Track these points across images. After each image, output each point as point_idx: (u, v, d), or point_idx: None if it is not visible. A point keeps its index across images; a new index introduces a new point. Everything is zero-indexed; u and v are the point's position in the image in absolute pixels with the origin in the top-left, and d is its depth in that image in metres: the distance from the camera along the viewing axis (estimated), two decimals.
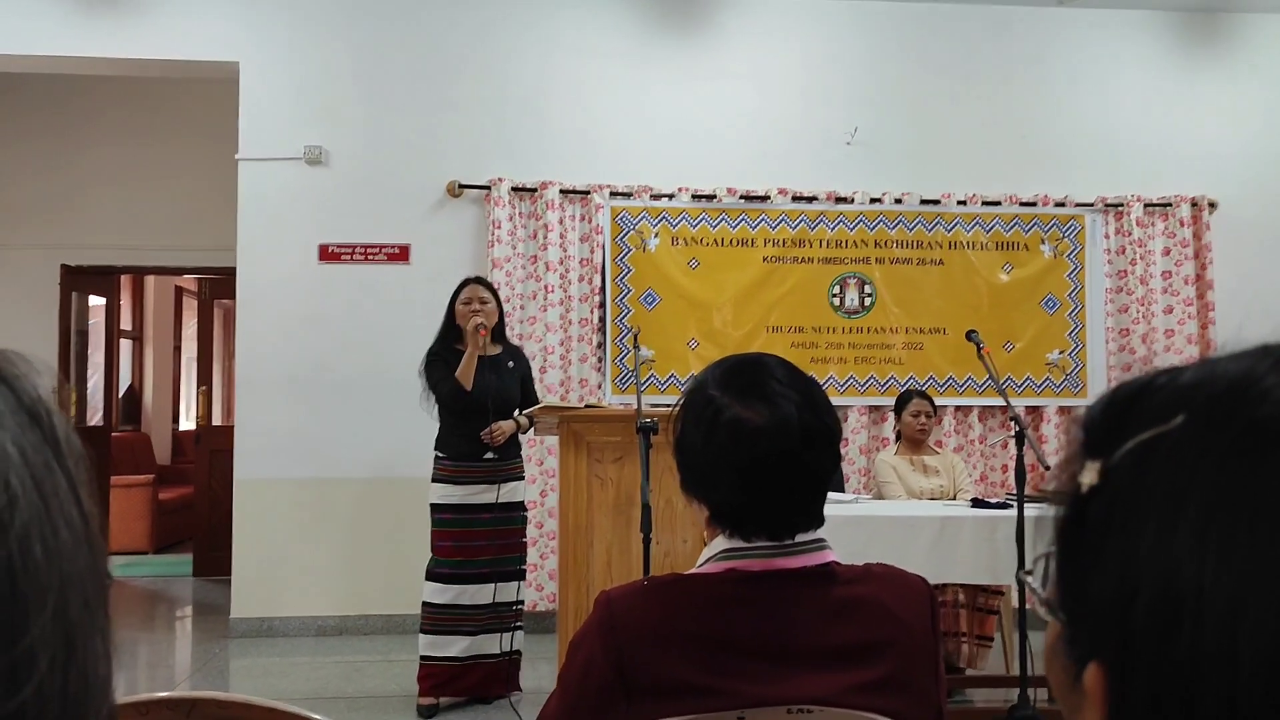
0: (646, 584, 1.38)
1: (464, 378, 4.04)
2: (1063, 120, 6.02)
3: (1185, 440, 0.46)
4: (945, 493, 4.93)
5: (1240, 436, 0.45)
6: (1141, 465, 0.47)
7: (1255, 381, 0.46)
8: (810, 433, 1.36)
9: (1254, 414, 0.45)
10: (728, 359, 1.49)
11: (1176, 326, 5.93)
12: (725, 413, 1.37)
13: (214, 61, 5.59)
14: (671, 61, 5.86)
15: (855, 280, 5.85)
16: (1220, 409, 0.46)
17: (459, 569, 4.07)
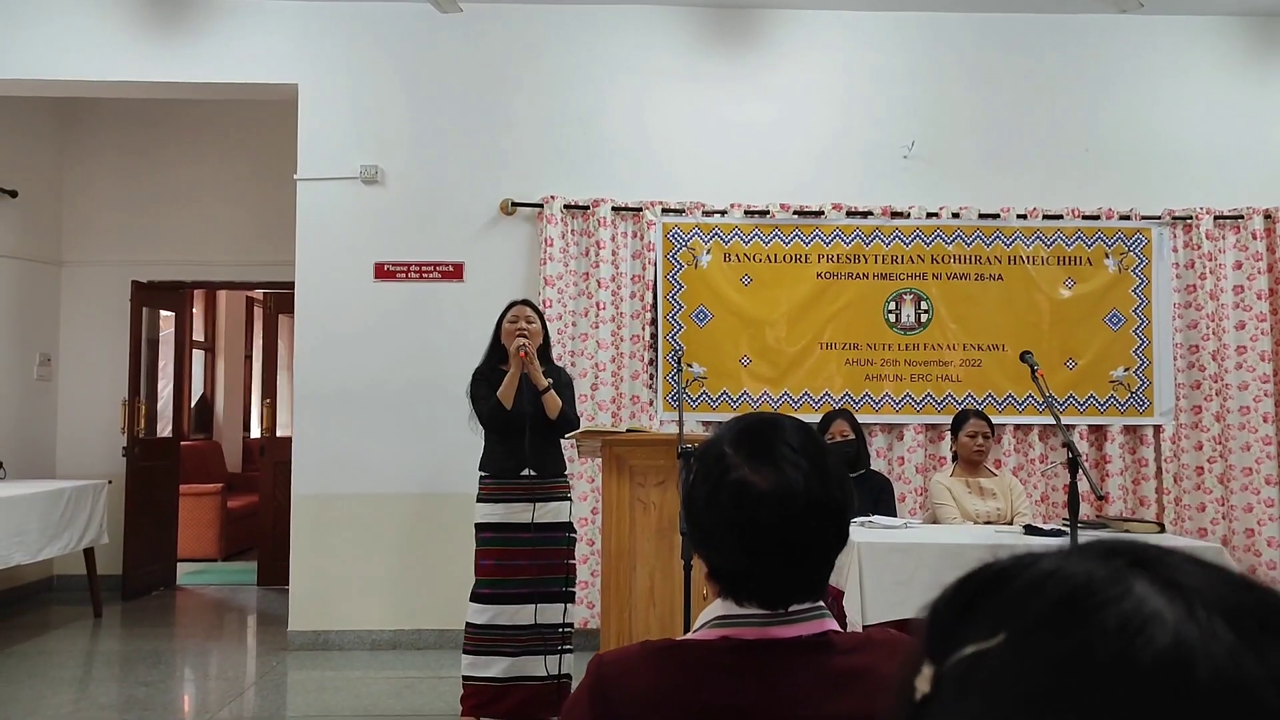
0: (640, 649, 1.37)
1: (504, 397, 4.07)
2: (1127, 130, 5.85)
3: (1001, 665, 0.43)
4: (1002, 516, 4.82)
5: (1054, 671, 0.41)
6: (963, 683, 0.44)
7: (1086, 597, 0.43)
8: (816, 504, 1.33)
9: (1073, 643, 0.41)
10: (747, 416, 1.47)
11: (1249, 343, 5.71)
12: (732, 473, 1.36)
13: (273, 84, 5.71)
14: (724, 78, 5.82)
15: (911, 296, 5.75)
16: (1041, 632, 0.43)
17: (498, 588, 4.08)
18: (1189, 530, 5.63)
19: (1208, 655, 0.39)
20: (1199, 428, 5.71)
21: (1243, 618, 0.41)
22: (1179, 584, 0.42)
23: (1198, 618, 0.40)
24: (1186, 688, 0.39)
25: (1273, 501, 5.63)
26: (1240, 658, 0.39)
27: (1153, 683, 0.39)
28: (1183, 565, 0.44)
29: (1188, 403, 5.74)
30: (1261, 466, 5.64)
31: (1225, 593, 0.42)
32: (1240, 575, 0.45)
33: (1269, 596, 0.43)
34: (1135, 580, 0.43)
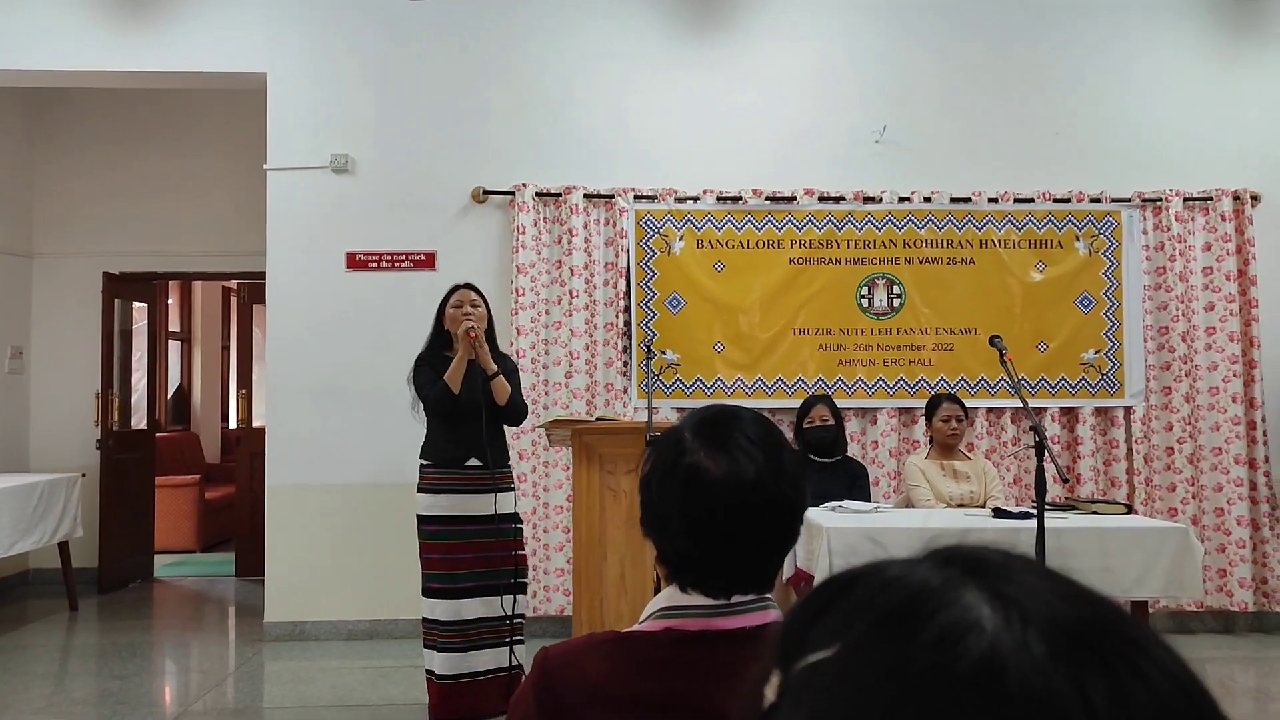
0: (585, 641, 1.37)
1: (453, 380, 3.98)
2: (1098, 114, 5.87)
3: (831, 677, 0.43)
4: (975, 499, 4.86)
5: (876, 683, 0.42)
6: (799, 694, 0.44)
7: (913, 608, 0.43)
8: (765, 497, 1.34)
9: (894, 654, 0.42)
10: (710, 406, 1.48)
11: (1218, 324, 5.76)
12: (686, 457, 1.37)
13: (241, 73, 5.66)
14: (695, 64, 5.81)
15: (884, 281, 5.77)
16: (868, 643, 0.43)
17: (449, 583, 3.99)
18: (1159, 511, 5.68)
19: (1018, 668, 0.40)
20: (1169, 409, 5.75)
21: (1060, 631, 0.41)
22: (1006, 595, 0.42)
23: (1014, 629, 0.41)
24: (996, 700, 0.39)
25: (1242, 481, 5.69)
26: (1049, 672, 0.39)
27: (965, 694, 0.39)
28: (1017, 575, 0.44)
29: (1158, 384, 5.79)
30: (1231, 446, 5.69)
31: (1051, 605, 0.42)
32: (1078, 588, 0.45)
33: (1095, 610, 0.43)
34: (966, 590, 0.43)
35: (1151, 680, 0.41)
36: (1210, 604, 5.72)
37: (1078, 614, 0.42)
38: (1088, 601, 0.44)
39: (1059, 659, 0.40)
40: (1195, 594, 3.94)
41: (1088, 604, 0.43)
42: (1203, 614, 5.77)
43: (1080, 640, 0.41)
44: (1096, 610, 0.43)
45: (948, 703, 0.39)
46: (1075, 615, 0.42)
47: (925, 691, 0.40)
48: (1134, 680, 0.40)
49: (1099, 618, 0.43)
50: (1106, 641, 0.41)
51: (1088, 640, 0.41)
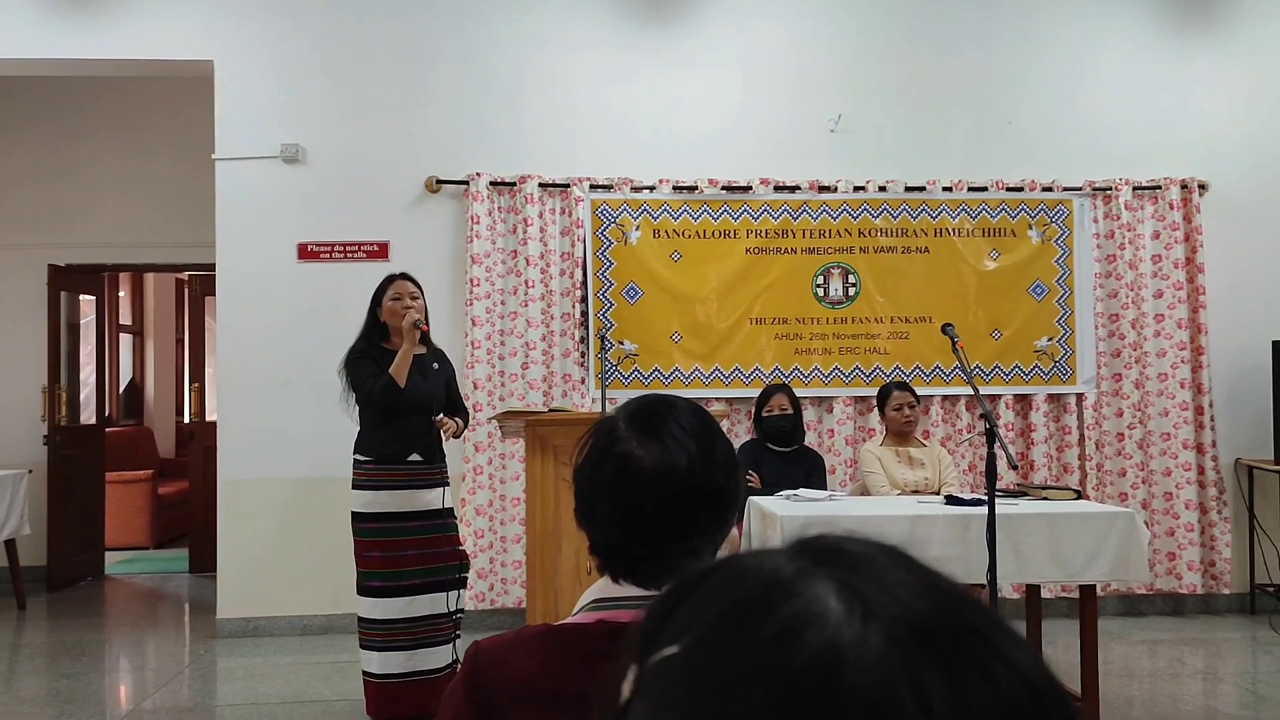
0: (516, 635, 1.36)
1: (399, 374, 3.92)
2: (1050, 103, 5.92)
3: (675, 671, 0.42)
4: (930, 485, 4.90)
5: (715, 676, 0.40)
6: (647, 689, 0.43)
7: (759, 600, 0.42)
8: (696, 486, 1.33)
9: (734, 647, 0.41)
10: (646, 395, 1.47)
11: (1167, 311, 5.83)
12: (618, 445, 1.36)
13: (188, 60, 5.56)
14: (650, 52, 5.79)
15: (839, 270, 5.78)
16: (711, 636, 0.42)
17: (390, 581, 3.93)
18: (1110, 496, 5.76)
19: (856, 662, 0.39)
20: (1119, 395, 5.83)
21: (904, 626, 0.40)
22: (854, 587, 0.41)
23: (856, 622, 0.40)
24: (832, 694, 0.38)
25: (1190, 466, 5.78)
26: (886, 667, 0.38)
27: (802, 688, 0.38)
28: (874, 567, 0.43)
29: (1108, 370, 5.86)
30: (1179, 431, 5.77)
31: (902, 598, 0.41)
32: (937, 581, 0.44)
33: (949, 605, 0.42)
34: (816, 581, 0.42)
35: (998, 680, 0.40)
36: (1160, 587, 5.81)
37: (929, 608, 0.41)
38: (944, 596, 0.43)
39: (899, 654, 0.39)
40: (1141, 577, 3.99)
41: (943, 598, 0.42)
42: (1152, 597, 5.86)
43: (926, 636, 0.40)
44: (950, 605, 0.42)
45: (785, 697, 0.38)
46: (926, 609, 0.41)
47: (763, 686, 0.39)
48: (978, 679, 0.39)
49: (951, 613, 0.42)
50: (955, 638, 0.40)
51: (935, 636, 0.40)
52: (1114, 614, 5.85)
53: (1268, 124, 5.98)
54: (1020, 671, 0.41)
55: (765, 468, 4.95)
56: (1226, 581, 5.82)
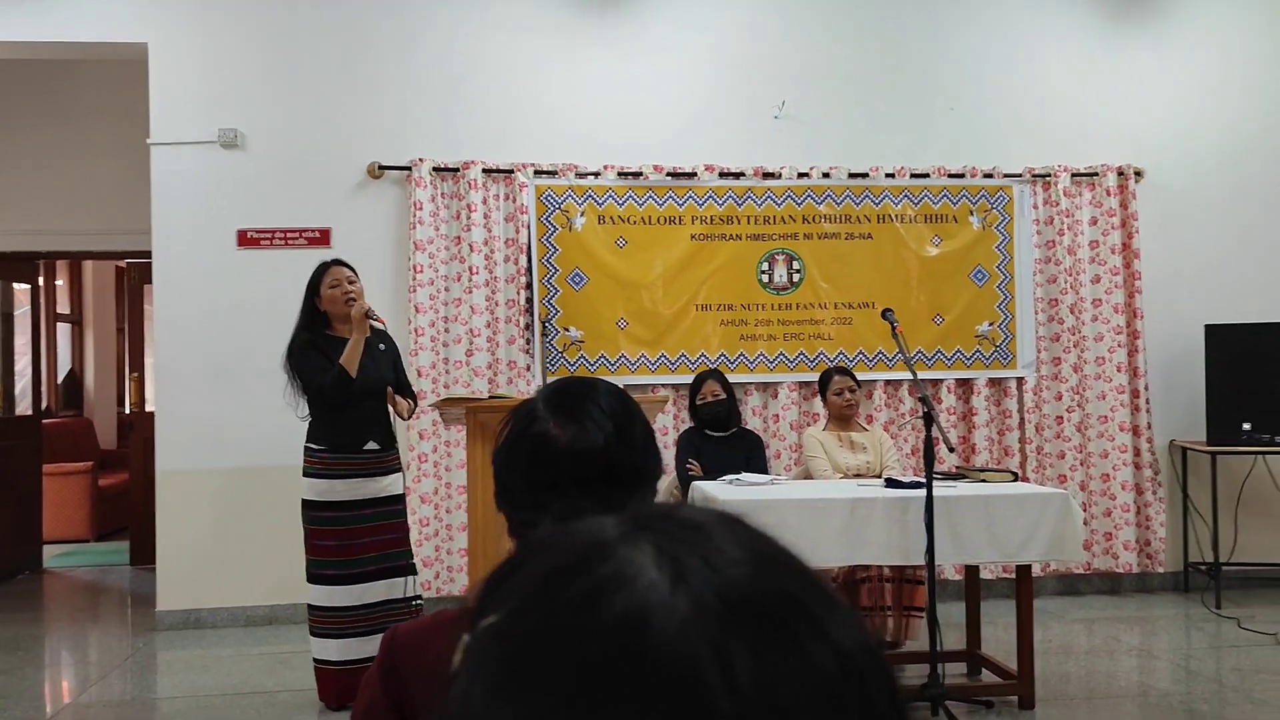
0: (431, 621, 1.35)
1: (350, 365, 3.89)
2: (990, 91, 5.99)
3: (493, 638, 0.42)
4: (871, 469, 4.95)
5: (523, 645, 0.40)
6: (468, 657, 0.43)
7: (579, 566, 0.42)
8: (613, 466, 1.33)
9: (549, 614, 0.41)
10: (568, 377, 1.47)
11: (1104, 296, 5.94)
12: (535, 425, 1.36)
13: (120, 43, 5.44)
14: (594, 37, 5.76)
15: (783, 256, 5.81)
16: (529, 604, 0.42)
17: (344, 569, 3.92)
18: (1049, 478, 5.86)
19: (661, 627, 0.38)
20: (1058, 379, 5.92)
21: (714, 594, 0.40)
22: (671, 553, 0.41)
23: (664, 587, 0.40)
24: (635, 658, 0.38)
25: (1126, 448, 5.89)
26: (691, 634, 0.38)
27: (605, 650, 0.38)
28: (694, 533, 0.43)
29: (1048, 355, 5.95)
30: (1116, 414, 5.88)
31: (717, 566, 0.41)
32: (775, 558, 0.43)
33: (777, 582, 0.41)
34: (635, 547, 0.42)
35: (811, 656, 0.39)
36: (1097, 566, 5.93)
37: (748, 577, 0.41)
38: (769, 566, 0.42)
39: (707, 622, 0.39)
40: (1076, 557, 4.07)
41: (767, 568, 0.42)
42: (1090, 576, 5.98)
43: (740, 605, 0.40)
44: (774, 575, 0.42)
45: (588, 661, 0.38)
46: (744, 578, 0.41)
47: (567, 649, 0.39)
48: (790, 654, 0.39)
49: (773, 583, 0.41)
50: (772, 609, 0.40)
51: (749, 606, 0.40)
52: (1053, 594, 5.96)
53: (1201, 113, 6.10)
54: (838, 649, 0.40)
55: (705, 454, 4.97)
56: (1161, 560, 5.95)
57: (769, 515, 3.83)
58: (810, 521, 3.84)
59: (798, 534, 3.70)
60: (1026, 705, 4.05)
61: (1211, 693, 4.34)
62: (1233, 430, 5.68)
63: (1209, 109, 6.10)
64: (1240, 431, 5.67)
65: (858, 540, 3.87)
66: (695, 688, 0.37)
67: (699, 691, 0.37)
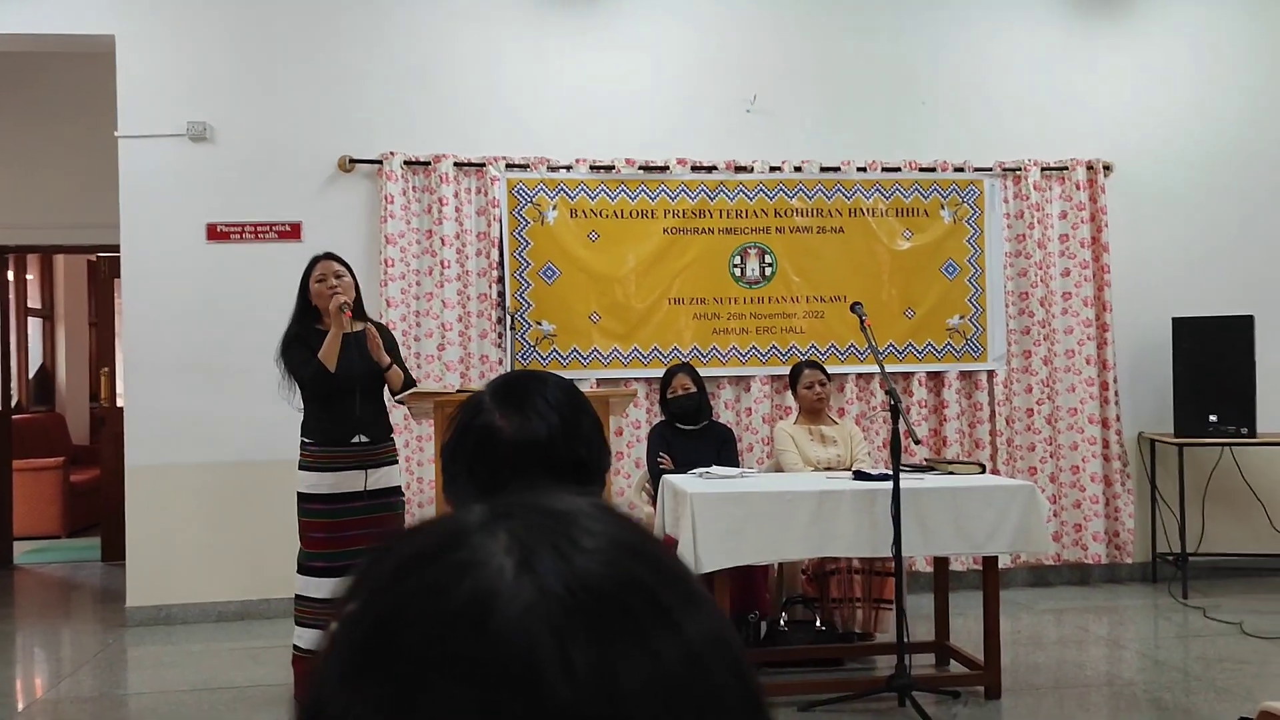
0: None
1: (328, 358, 3.89)
2: (961, 85, 6.01)
3: (345, 624, 0.42)
4: (842, 462, 4.98)
5: (366, 631, 0.41)
6: (329, 644, 0.43)
7: (432, 552, 0.42)
8: (556, 457, 1.34)
9: (396, 599, 0.41)
10: (518, 370, 1.48)
11: (1074, 289, 5.98)
12: (481, 416, 1.36)
13: (86, 35, 5.39)
14: (567, 31, 5.75)
15: (756, 250, 5.83)
16: (381, 589, 0.42)
17: (333, 561, 3.93)
18: (1020, 470, 5.90)
19: (504, 613, 0.39)
20: (1028, 371, 5.97)
21: (561, 582, 0.40)
22: (525, 540, 0.41)
23: (510, 574, 0.40)
24: (476, 643, 0.38)
25: (1095, 440, 5.94)
26: (533, 622, 0.39)
27: (448, 634, 0.39)
28: (554, 522, 0.43)
29: (1018, 348, 5.99)
30: (1085, 407, 5.93)
31: (568, 555, 0.41)
32: (624, 541, 0.43)
33: (622, 568, 0.42)
34: (491, 535, 0.42)
35: (660, 652, 0.39)
36: (1067, 558, 5.98)
37: (602, 567, 0.41)
38: (629, 561, 0.42)
39: (550, 611, 0.39)
40: (1041, 548, 4.11)
41: (625, 559, 0.42)
42: (1059, 567, 6.03)
43: (589, 598, 0.40)
44: (630, 567, 0.42)
45: (431, 644, 0.39)
46: (597, 568, 0.41)
47: (413, 633, 0.39)
48: (635, 647, 0.39)
49: (627, 575, 0.41)
50: (622, 601, 0.40)
51: (600, 599, 0.40)
52: (1023, 585, 6.01)
53: (1169, 108, 6.15)
54: (688, 642, 0.40)
55: (676, 448, 4.98)
56: (1130, 551, 6.01)
57: (738, 508, 3.85)
58: (779, 514, 3.86)
59: (766, 526, 3.72)
60: (993, 695, 4.09)
61: (1176, 681, 4.39)
62: (1199, 422, 5.74)
63: (1177, 104, 6.15)
64: (1207, 423, 5.73)
65: (826, 532, 3.89)
66: (533, 673, 0.37)
67: (536, 677, 0.37)
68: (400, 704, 0.38)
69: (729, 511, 3.83)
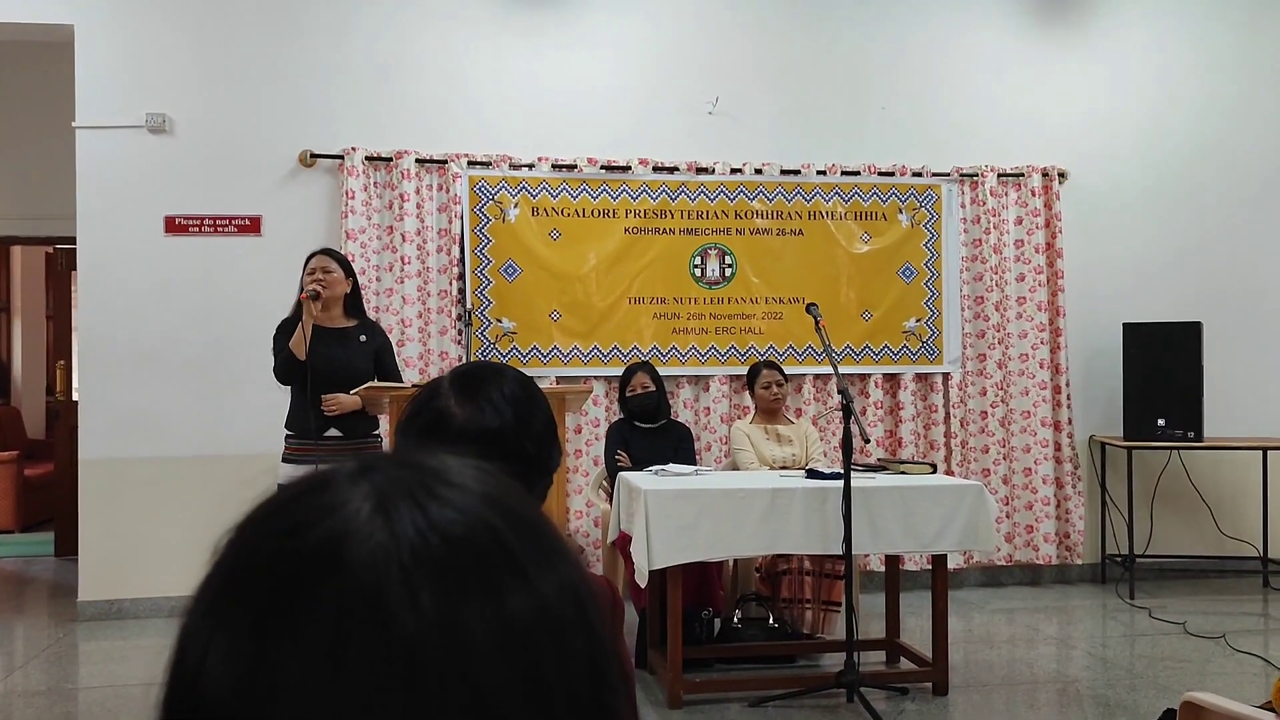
0: None
1: (296, 347, 3.91)
2: (921, 91, 6.09)
3: (205, 572, 0.45)
4: (797, 461, 5.03)
5: (227, 573, 0.44)
6: (197, 587, 0.46)
7: (285, 505, 0.45)
8: (504, 450, 1.35)
9: (250, 544, 0.44)
10: (479, 361, 1.50)
11: (1028, 294, 6.07)
12: (436, 400, 1.38)
13: (44, 24, 5.35)
14: (531, 29, 5.77)
15: (716, 251, 5.87)
16: (235, 541, 0.45)
17: None
18: (974, 471, 5.98)
19: (355, 551, 0.41)
20: (983, 374, 6.05)
21: (411, 526, 0.42)
22: (385, 491, 0.44)
23: (361, 517, 0.42)
24: (326, 583, 0.41)
25: (1047, 443, 6.04)
26: (380, 558, 0.41)
27: (300, 572, 0.42)
28: (419, 476, 0.45)
29: (973, 351, 6.08)
30: (1038, 410, 6.03)
31: (424, 505, 0.43)
32: (488, 493, 0.45)
33: (478, 519, 0.44)
34: (355, 486, 0.44)
35: (508, 606, 0.42)
36: (1019, 558, 6.07)
37: (459, 519, 0.43)
38: (489, 514, 0.44)
39: (401, 553, 0.41)
40: (988, 546, 4.17)
41: (484, 516, 0.44)
42: (1011, 568, 6.12)
43: (440, 543, 0.42)
44: (488, 524, 0.44)
45: (285, 578, 0.41)
46: (452, 520, 0.43)
47: (267, 568, 0.42)
48: (483, 596, 0.41)
49: (484, 531, 0.43)
50: (474, 553, 0.43)
51: (452, 546, 0.42)
52: (976, 585, 6.09)
53: (1123, 118, 6.26)
54: (539, 600, 0.43)
55: (634, 445, 5.01)
56: (1080, 553, 6.11)
57: (690, 505, 3.89)
58: (731, 511, 3.90)
59: (719, 523, 3.74)
60: (940, 691, 4.15)
61: (1121, 679, 4.48)
62: (1148, 426, 5.85)
63: (1131, 115, 6.27)
64: (1155, 428, 5.84)
65: (778, 530, 3.93)
66: (380, 607, 0.40)
67: (384, 611, 0.40)
68: (256, 632, 0.41)
69: (682, 508, 3.86)
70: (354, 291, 4.17)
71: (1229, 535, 6.18)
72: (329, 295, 4.03)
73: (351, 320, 4.13)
